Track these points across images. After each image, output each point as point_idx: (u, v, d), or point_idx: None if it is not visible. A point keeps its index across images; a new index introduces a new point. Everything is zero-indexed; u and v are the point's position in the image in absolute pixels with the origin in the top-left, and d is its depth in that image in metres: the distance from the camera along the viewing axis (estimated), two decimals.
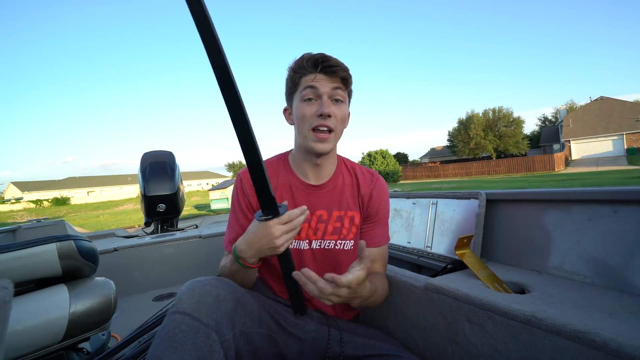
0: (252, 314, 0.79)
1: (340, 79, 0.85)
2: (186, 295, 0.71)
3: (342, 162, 1.01)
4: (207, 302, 0.71)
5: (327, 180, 0.96)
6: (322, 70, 0.84)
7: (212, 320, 0.69)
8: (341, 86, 0.86)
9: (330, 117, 0.85)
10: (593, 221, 0.89)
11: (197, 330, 0.66)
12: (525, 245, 1.04)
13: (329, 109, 0.84)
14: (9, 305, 0.56)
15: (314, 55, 0.85)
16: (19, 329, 0.85)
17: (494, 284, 0.89)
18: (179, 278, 2.18)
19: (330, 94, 0.85)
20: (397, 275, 1.04)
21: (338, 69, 0.84)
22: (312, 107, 0.85)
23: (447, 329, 0.87)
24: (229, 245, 0.95)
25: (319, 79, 0.84)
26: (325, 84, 0.85)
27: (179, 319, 0.67)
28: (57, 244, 0.96)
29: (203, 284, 0.74)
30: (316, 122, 0.85)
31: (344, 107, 0.88)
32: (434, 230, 1.34)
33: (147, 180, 2.64)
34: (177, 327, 0.66)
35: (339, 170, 0.98)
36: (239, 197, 0.95)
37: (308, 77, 0.85)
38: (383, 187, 1.01)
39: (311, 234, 0.94)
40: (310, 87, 0.85)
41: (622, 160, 23.56)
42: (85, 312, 0.97)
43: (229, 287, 0.77)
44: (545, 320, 0.66)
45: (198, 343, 0.65)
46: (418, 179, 29.47)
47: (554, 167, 23.93)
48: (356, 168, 1.02)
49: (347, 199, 0.97)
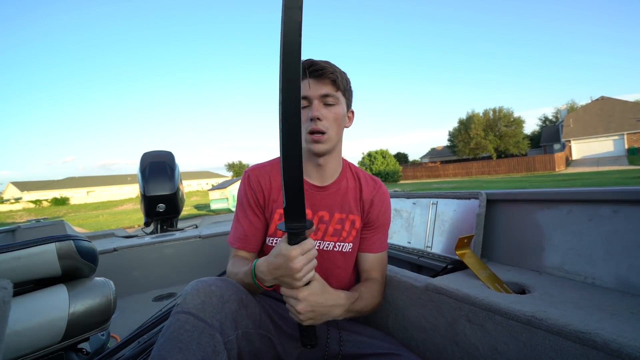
0: (253, 315, 0.79)
1: (330, 80, 0.87)
2: (191, 295, 0.71)
3: (347, 166, 1.03)
4: (211, 303, 0.71)
5: (331, 182, 0.97)
6: (310, 76, 0.86)
7: (217, 321, 0.69)
8: (331, 89, 0.88)
9: (321, 120, 0.87)
10: (594, 221, 0.89)
11: (201, 330, 0.67)
12: (525, 245, 1.04)
13: (318, 112, 0.86)
14: (8, 306, 0.56)
15: (304, 62, 0.87)
16: (19, 329, 0.85)
17: (494, 284, 0.89)
18: (178, 278, 2.18)
19: (320, 98, 0.87)
20: (397, 275, 1.04)
21: (326, 71, 0.86)
22: (305, 113, 0.88)
23: (447, 329, 0.87)
24: (235, 242, 0.95)
25: (309, 85, 0.87)
26: (315, 89, 0.87)
27: (184, 318, 0.67)
28: (57, 244, 0.96)
29: (208, 284, 0.74)
30: (310, 126, 0.87)
31: (336, 108, 0.89)
32: (434, 230, 1.33)
33: (146, 180, 2.64)
34: (181, 327, 0.66)
35: (343, 174, 1.00)
36: (246, 192, 0.96)
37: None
38: (385, 195, 1.02)
39: (311, 235, 0.94)
40: (303, 97, 0.87)
41: (622, 160, 23.55)
42: (85, 312, 0.97)
43: (233, 287, 0.77)
44: (545, 320, 0.66)
45: (202, 343, 0.65)
46: (418, 179, 29.47)
47: (555, 167, 23.92)
48: (360, 173, 1.03)
49: (350, 202, 0.98)
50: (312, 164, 0.95)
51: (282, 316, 0.89)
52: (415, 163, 44.64)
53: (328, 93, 0.87)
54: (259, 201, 0.95)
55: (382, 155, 25.97)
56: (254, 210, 0.95)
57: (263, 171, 0.97)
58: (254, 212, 0.95)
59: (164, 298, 1.98)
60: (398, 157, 40.98)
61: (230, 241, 0.97)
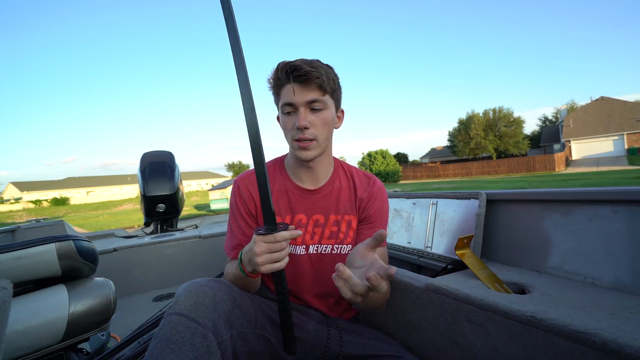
0: (248, 314, 0.79)
1: (316, 86, 0.82)
2: (183, 296, 0.71)
3: (339, 165, 1.01)
4: (204, 303, 0.71)
5: (323, 185, 0.96)
6: (294, 81, 0.81)
7: (209, 321, 0.69)
8: (318, 93, 0.83)
9: (308, 129, 0.83)
10: (593, 221, 0.89)
11: (194, 331, 0.67)
12: (525, 245, 1.04)
13: (304, 121, 0.82)
14: (8, 306, 0.56)
15: (286, 65, 0.82)
16: (19, 329, 0.85)
17: (494, 284, 0.89)
18: (178, 278, 2.18)
19: (306, 104, 0.83)
20: (397, 276, 1.04)
21: (311, 76, 0.80)
22: (291, 120, 0.85)
23: (447, 329, 0.87)
24: (231, 251, 0.95)
25: (294, 90, 0.82)
26: (300, 95, 0.82)
27: (176, 320, 0.67)
28: (57, 244, 0.96)
29: (200, 285, 0.74)
30: (296, 134, 0.84)
31: (324, 113, 0.85)
32: (434, 230, 1.33)
33: (146, 180, 2.63)
34: (174, 329, 0.66)
35: (335, 174, 0.98)
36: (237, 203, 0.95)
37: (284, 89, 0.84)
38: (381, 190, 1.00)
39: (308, 239, 0.94)
40: (288, 103, 0.84)
41: (622, 161, 23.54)
42: (85, 313, 0.97)
43: (226, 288, 0.77)
44: (545, 320, 0.66)
45: (195, 344, 0.65)
46: (418, 179, 29.46)
47: (555, 167, 23.91)
48: (353, 171, 1.01)
49: (344, 202, 0.96)
50: (302, 168, 0.93)
51: None
52: (415, 163, 44.62)
53: (315, 99, 0.82)
54: (250, 210, 0.94)
55: (382, 155, 25.95)
56: (246, 220, 0.94)
57: (252, 179, 0.94)
58: (246, 222, 0.94)
59: (164, 298, 1.98)
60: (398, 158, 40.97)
61: (227, 250, 0.97)
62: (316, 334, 0.89)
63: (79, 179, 48.64)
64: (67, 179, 48.22)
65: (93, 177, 51.18)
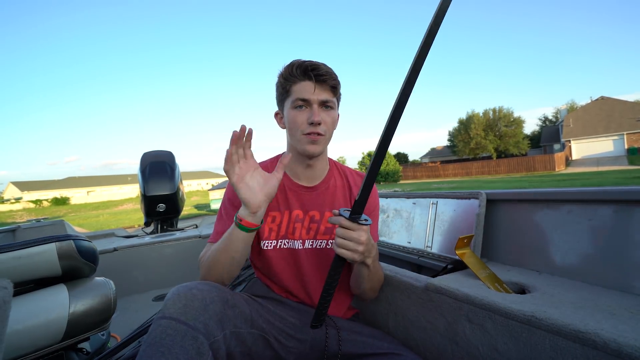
0: (242, 314, 0.79)
1: (330, 87, 0.88)
2: (172, 300, 0.71)
3: (333, 165, 1.04)
4: (193, 306, 0.71)
5: (319, 182, 0.99)
6: (311, 79, 0.86)
7: (200, 323, 0.69)
8: (330, 94, 0.89)
9: (321, 125, 0.87)
10: (593, 221, 0.89)
11: (184, 333, 0.67)
12: (525, 245, 1.04)
13: (319, 117, 0.86)
14: (8, 305, 0.56)
15: (304, 63, 0.87)
16: (19, 328, 0.85)
17: (494, 284, 0.89)
18: (178, 278, 2.18)
19: (320, 102, 0.87)
20: (397, 275, 1.04)
21: (327, 77, 0.86)
22: (303, 114, 0.87)
23: (447, 329, 0.87)
24: (216, 236, 0.93)
25: (309, 88, 0.86)
26: (317, 93, 0.87)
27: (166, 324, 0.67)
28: (57, 243, 0.96)
29: (189, 288, 0.74)
30: (308, 129, 0.87)
31: (333, 112, 0.91)
32: (434, 230, 1.34)
33: (146, 180, 2.63)
34: (163, 332, 0.66)
35: (330, 173, 1.01)
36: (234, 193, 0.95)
37: (298, 85, 0.87)
38: (373, 189, 1.02)
39: (304, 234, 0.95)
40: (302, 99, 0.87)
41: (622, 160, 23.53)
42: (85, 312, 0.97)
43: (216, 289, 0.77)
44: (545, 320, 0.66)
45: (185, 346, 0.65)
46: (418, 179, 29.44)
47: (555, 167, 23.90)
48: (346, 171, 1.05)
49: (339, 200, 0.99)
50: (301, 166, 0.96)
51: (279, 316, 0.89)
52: (415, 163, 44.61)
53: (328, 99, 0.88)
54: None
55: None
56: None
57: None
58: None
59: (164, 298, 1.98)
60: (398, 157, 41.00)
61: (212, 236, 0.95)
62: (315, 334, 0.89)
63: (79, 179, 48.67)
64: (68, 178, 48.25)
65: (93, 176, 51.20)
